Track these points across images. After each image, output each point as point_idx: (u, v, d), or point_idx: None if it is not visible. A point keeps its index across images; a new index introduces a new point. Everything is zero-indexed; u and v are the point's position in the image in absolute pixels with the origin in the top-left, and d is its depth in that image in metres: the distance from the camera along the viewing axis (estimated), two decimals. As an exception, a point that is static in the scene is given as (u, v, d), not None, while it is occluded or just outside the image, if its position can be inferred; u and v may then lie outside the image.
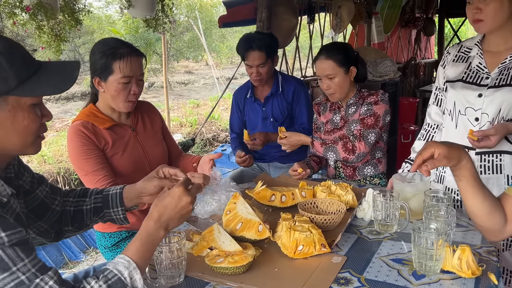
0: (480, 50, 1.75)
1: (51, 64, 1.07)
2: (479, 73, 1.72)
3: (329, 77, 2.06)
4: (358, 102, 2.14)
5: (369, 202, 1.57)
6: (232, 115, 2.74)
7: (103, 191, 1.37)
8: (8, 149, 1.03)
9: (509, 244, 1.70)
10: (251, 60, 2.43)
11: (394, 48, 5.67)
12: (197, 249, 1.36)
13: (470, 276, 1.17)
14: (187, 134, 7.44)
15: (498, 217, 1.27)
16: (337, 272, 1.24)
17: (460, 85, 1.76)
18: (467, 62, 1.79)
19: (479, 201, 1.26)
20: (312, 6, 3.96)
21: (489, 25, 1.63)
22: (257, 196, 1.71)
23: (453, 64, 1.83)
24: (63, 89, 1.03)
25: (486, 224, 1.29)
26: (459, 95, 1.75)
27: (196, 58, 15.50)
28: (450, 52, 1.88)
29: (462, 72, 1.78)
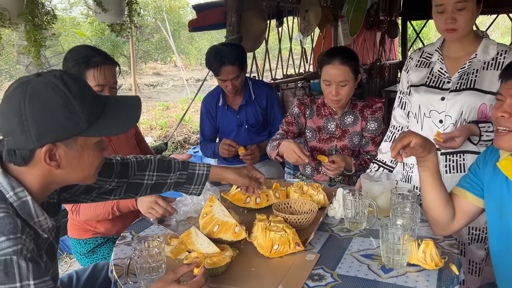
0: (441, 55, 1.85)
1: (115, 100, 1.10)
2: (441, 78, 1.83)
3: (342, 84, 2.00)
4: (353, 112, 2.14)
5: (339, 201, 1.65)
6: (203, 121, 2.72)
7: (188, 168, 1.44)
8: (70, 181, 1.09)
9: (474, 238, 1.82)
10: (225, 75, 2.42)
11: (360, 50, 5.83)
12: (176, 252, 1.40)
13: (434, 268, 1.25)
14: (157, 137, 7.39)
15: (448, 212, 1.41)
16: (311, 269, 1.30)
17: (423, 89, 1.86)
18: (429, 67, 1.89)
19: (436, 193, 1.40)
20: (280, 10, 4.03)
21: (461, 33, 1.72)
22: (232, 198, 1.76)
23: (416, 69, 1.93)
24: (128, 128, 1.08)
25: (438, 216, 1.42)
26: (423, 99, 1.85)
27: (164, 59, 15.35)
28: (412, 57, 1.98)
29: (425, 77, 1.88)
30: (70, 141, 1.00)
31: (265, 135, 2.70)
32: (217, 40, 15.72)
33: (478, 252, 1.83)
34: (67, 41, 9.93)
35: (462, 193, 1.42)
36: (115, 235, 1.92)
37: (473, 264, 1.85)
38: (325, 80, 2.04)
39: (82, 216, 1.75)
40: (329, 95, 2.05)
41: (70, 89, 0.98)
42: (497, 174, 1.32)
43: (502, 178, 1.30)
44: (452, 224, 1.43)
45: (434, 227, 1.46)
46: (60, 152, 1.00)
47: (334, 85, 2.01)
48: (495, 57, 1.73)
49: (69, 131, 0.98)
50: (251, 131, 2.65)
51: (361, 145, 2.16)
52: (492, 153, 1.37)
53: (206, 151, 2.70)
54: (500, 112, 1.23)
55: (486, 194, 1.36)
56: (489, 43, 1.76)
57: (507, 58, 1.71)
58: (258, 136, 2.66)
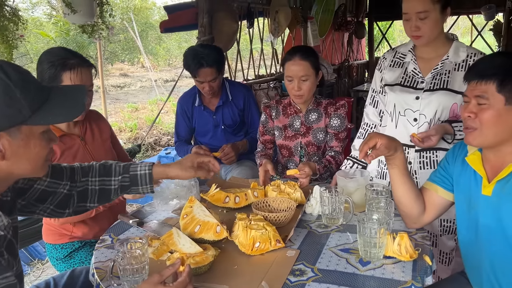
0: (414, 56, 1.93)
1: (60, 89, 1.08)
2: (415, 78, 1.91)
3: (303, 79, 2.08)
4: (318, 109, 2.22)
5: (316, 198, 1.69)
6: (178, 122, 2.72)
7: (129, 171, 1.40)
8: (17, 174, 1.06)
9: (445, 229, 1.92)
10: (203, 77, 2.43)
11: (328, 51, 5.94)
12: (158, 253, 1.40)
13: (408, 259, 1.31)
14: (127, 140, 7.28)
15: (419, 205, 1.48)
16: (292, 264, 1.34)
17: (398, 89, 1.93)
18: (403, 67, 1.96)
19: (406, 188, 1.47)
20: (251, 11, 4.07)
21: (426, 40, 1.82)
22: (212, 198, 1.78)
23: (390, 69, 2.01)
24: (75, 116, 1.07)
25: (409, 210, 1.49)
26: (398, 98, 1.93)
27: (131, 60, 15.11)
28: (386, 57, 2.06)
29: (399, 77, 1.95)
30: (14, 130, 0.99)
31: (241, 135, 2.73)
32: (185, 41, 15.65)
33: (448, 242, 1.93)
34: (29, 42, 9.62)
35: (433, 187, 1.50)
36: (92, 239, 1.90)
37: (443, 254, 1.95)
38: (288, 76, 2.12)
39: (62, 219, 1.72)
40: (292, 90, 2.13)
41: (10, 77, 0.97)
42: (466, 168, 1.40)
43: (470, 172, 1.38)
44: (423, 217, 1.50)
45: (407, 220, 1.53)
46: (4, 142, 0.99)
47: (296, 80, 2.09)
48: (465, 59, 1.82)
49: (12, 120, 0.97)
50: (228, 132, 2.67)
51: (326, 141, 2.24)
52: (461, 148, 1.45)
53: (180, 151, 2.71)
54: (466, 113, 1.30)
55: (456, 187, 1.44)
56: (459, 45, 1.86)
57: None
58: (234, 137, 2.68)
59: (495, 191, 1.30)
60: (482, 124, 1.27)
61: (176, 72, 14.73)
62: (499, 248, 1.31)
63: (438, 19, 1.76)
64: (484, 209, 1.33)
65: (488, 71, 1.25)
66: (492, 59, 1.32)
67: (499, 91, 1.23)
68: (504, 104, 1.23)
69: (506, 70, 1.22)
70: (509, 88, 1.21)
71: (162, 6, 3.85)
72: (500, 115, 1.24)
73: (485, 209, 1.33)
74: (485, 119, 1.26)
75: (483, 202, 1.33)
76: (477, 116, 1.27)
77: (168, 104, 8.40)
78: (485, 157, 1.35)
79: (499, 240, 1.30)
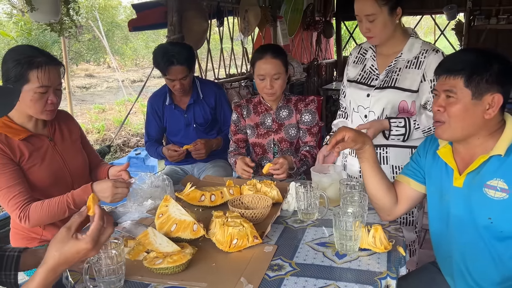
0: (374, 52, 1.98)
1: None
2: (371, 74, 1.96)
3: (275, 77, 2.10)
4: (288, 106, 2.24)
5: (292, 194, 1.71)
6: (149, 122, 2.68)
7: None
8: None
9: (403, 222, 2.00)
10: (174, 75, 2.40)
11: (298, 50, 6.00)
12: (134, 254, 1.38)
13: (383, 251, 1.35)
14: (95, 141, 7.13)
15: (391, 197, 1.53)
16: (270, 260, 1.34)
17: (354, 85, 2.00)
18: (363, 64, 2.02)
19: (378, 180, 1.51)
20: (221, 10, 4.05)
21: (378, 40, 1.88)
22: (187, 197, 1.76)
23: (353, 65, 2.06)
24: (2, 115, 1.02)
25: (382, 202, 1.53)
26: (353, 94, 1.99)
27: (97, 60, 14.77)
28: (352, 53, 2.11)
29: (358, 74, 2.01)
30: None
31: (213, 134, 2.72)
32: (152, 40, 15.43)
33: (409, 234, 2.00)
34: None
35: (405, 180, 1.55)
36: (63, 242, 1.85)
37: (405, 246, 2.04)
38: (260, 75, 2.12)
39: (33, 222, 1.66)
40: (264, 89, 2.14)
41: None
42: (437, 161, 1.45)
43: (441, 164, 1.43)
44: (396, 209, 1.54)
45: (380, 213, 1.57)
46: None
47: (268, 79, 2.10)
48: (417, 56, 1.87)
49: None
50: (200, 130, 2.65)
51: (299, 137, 2.27)
52: (431, 142, 1.50)
53: (150, 152, 2.69)
54: (436, 107, 1.35)
55: (428, 180, 1.49)
56: (414, 42, 1.90)
57: (427, 58, 1.85)
58: (206, 135, 2.67)
59: (466, 183, 1.35)
60: (450, 117, 1.31)
61: (144, 72, 14.50)
62: (469, 238, 1.36)
63: (386, 21, 1.81)
64: (455, 201, 1.38)
65: (457, 66, 1.30)
66: (461, 55, 1.36)
67: (466, 85, 1.27)
68: (471, 98, 1.28)
69: (473, 66, 1.27)
70: (476, 83, 1.26)
71: (128, 5, 3.80)
72: (467, 109, 1.29)
73: (456, 200, 1.38)
74: (453, 112, 1.30)
75: (455, 193, 1.38)
76: (446, 110, 1.32)
77: (137, 105, 8.26)
78: (456, 150, 1.40)
79: (469, 230, 1.35)
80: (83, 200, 1.66)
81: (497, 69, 1.25)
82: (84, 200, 1.66)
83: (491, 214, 1.29)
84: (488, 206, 1.29)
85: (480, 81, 1.26)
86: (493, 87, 1.26)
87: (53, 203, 1.65)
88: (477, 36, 5.74)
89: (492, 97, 1.26)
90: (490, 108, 1.27)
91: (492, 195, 1.28)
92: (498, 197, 1.27)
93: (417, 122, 1.85)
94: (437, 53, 1.85)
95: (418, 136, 1.87)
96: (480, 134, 1.32)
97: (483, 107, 1.28)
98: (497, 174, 1.28)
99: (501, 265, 1.32)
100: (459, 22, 5.99)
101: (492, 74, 1.25)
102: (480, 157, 1.31)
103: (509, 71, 1.28)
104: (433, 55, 1.84)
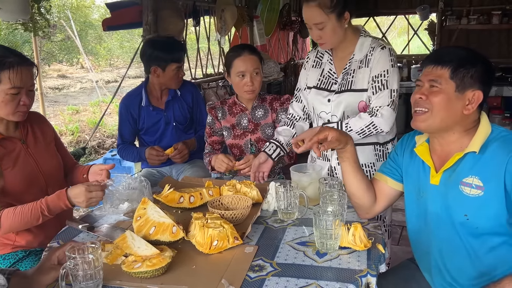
0: (330, 56, 1.99)
1: None
2: (330, 79, 1.97)
3: (256, 71, 2.11)
4: (263, 105, 2.23)
5: (272, 194, 1.70)
6: (122, 123, 2.61)
7: None
8: None
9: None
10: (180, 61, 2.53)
11: (275, 50, 6.01)
12: (112, 258, 1.35)
13: (363, 248, 1.36)
14: (69, 143, 6.97)
15: (371, 196, 1.54)
16: (251, 260, 1.33)
17: (315, 92, 2.00)
18: (321, 68, 2.02)
19: (358, 179, 1.52)
20: (197, 9, 4.03)
21: (330, 45, 1.88)
22: (165, 199, 1.74)
23: (312, 69, 2.05)
24: None
25: (361, 201, 1.54)
26: (315, 101, 2.00)
27: (70, 61, 14.47)
28: (309, 57, 2.10)
29: (317, 79, 2.01)
30: None
31: (191, 133, 2.70)
32: (127, 40, 15.21)
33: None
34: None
35: (383, 178, 1.56)
36: (38, 247, 1.80)
37: None
38: (239, 72, 2.11)
39: (5, 229, 1.60)
40: (244, 86, 2.12)
41: None
42: (414, 159, 1.47)
43: (418, 162, 1.45)
44: (374, 207, 1.56)
45: (359, 211, 1.59)
46: None
47: (248, 75, 2.10)
48: (366, 54, 1.87)
49: None
50: (179, 129, 2.62)
51: None
52: (409, 140, 1.53)
53: (126, 155, 2.61)
54: (418, 94, 1.36)
55: (405, 178, 1.51)
56: (364, 41, 1.90)
57: (373, 55, 1.85)
58: (185, 135, 2.64)
59: (443, 181, 1.37)
60: (433, 105, 1.33)
61: (119, 72, 14.28)
62: (446, 235, 1.38)
63: (335, 27, 1.81)
64: (432, 198, 1.40)
65: (445, 57, 1.33)
66: (451, 49, 1.40)
67: (451, 77, 1.30)
68: (454, 90, 1.31)
69: (461, 59, 1.31)
70: (461, 76, 1.29)
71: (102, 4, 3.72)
72: (449, 100, 1.31)
73: (433, 197, 1.40)
74: (436, 101, 1.32)
75: (432, 191, 1.40)
76: (428, 98, 1.34)
77: (112, 106, 8.12)
78: (432, 147, 1.43)
79: (446, 227, 1.38)
80: (57, 206, 1.61)
81: (481, 67, 1.30)
82: (58, 206, 1.62)
83: (467, 211, 1.32)
84: (464, 203, 1.32)
85: (466, 75, 1.29)
86: (476, 83, 1.30)
87: (26, 209, 1.59)
88: (449, 35, 5.87)
89: (474, 93, 1.30)
90: (469, 104, 1.30)
91: (468, 192, 1.31)
92: (473, 194, 1.30)
93: (349, 125, 1.83)
94: (383, 49, 1.84)
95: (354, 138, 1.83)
96: (456, 129, 1.35)
97: (463, 102, 1.31)
98: (472, 171, 1.31)
99: (477, 261, 1.35)
100: (432, 22, 6.12)
101: (478, 71, 1.29)
102: (456, 154, 1.34)
103: (491, 71, 1.33)
104: (378, 51, 1.84)
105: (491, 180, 1.27)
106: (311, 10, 1.79)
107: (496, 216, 1.28)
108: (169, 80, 2.52)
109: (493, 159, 1.28)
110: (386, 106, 1.81)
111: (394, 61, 1.85)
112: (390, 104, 1.81)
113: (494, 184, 1.26)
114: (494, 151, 1.28)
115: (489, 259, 1.33)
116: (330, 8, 1.77)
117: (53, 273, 1.24)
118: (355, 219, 1.61)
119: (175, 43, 2.59)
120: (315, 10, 1.77)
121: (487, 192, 1.28)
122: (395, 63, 1.85)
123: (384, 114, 1.80)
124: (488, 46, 5.75)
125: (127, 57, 15.24)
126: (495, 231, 1.30)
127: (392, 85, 1.82)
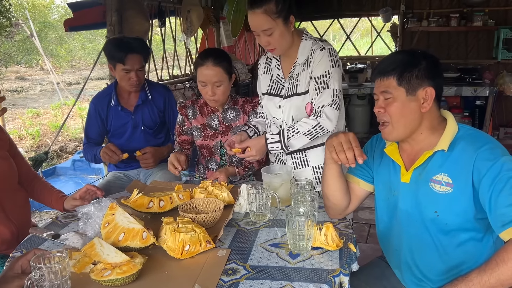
0: (278, 61, 1.99)
1: None
2: (279, 84, 1.98)
3: (217, 84, 2.05)
4: (235, 107, 2.21)
5: (244, 196, 1.69)
6: (90, 122, 2.53)
7: None
8: None
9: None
10: (131, 64, 2.32)
11: (242, 51, 6.00)
12: (80, 266, 1.30)
13: (335, 248, 1.37)
14: (29, 148, 6.71)
15: (347, 198, 1.56)
16: (224, 264, 1.32)
17: (267, 98, 2.01)
18: (270, 74, 2.02)
19: (340, 183, 1.53)
20: (162, 10, 3.96)
21: (280, 50, 1.88)
22: (134, 204, 1.69)
23: (263, 76, 2.06)
24: None
25: (339, 203, 1.56)
26: (267, 106, 2.01)
27: (29, 62, 13.96)
28: (260, 63, 2.10)
29: (267, 85, 2.02)
30: None
31: (161, 137, 2.64)
32: (89, 41, 14.85)
33: None
34: None
35: (355, 180, 1.59)
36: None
37: None
38: (201, 81, 2.07)
39: None
40: (206, 95, 2.10)
41: None
42: (385, 159, 1.51)
43: (389, 162, 1.48)
44: (348, 207, 1.58)
45: (332, 211, 1.60)
46: None
47: (209, 86, 2.05)
48: (307, 57, 1.88)
49: None
50: (148, 133, 2.56)
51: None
52: (378, 141, 1.56)
53: (86, 154, 2.52)
54: (376, 108, 1.41)
55: (376, 178, 1.54)
56: (306, 44, 1.90)
57: (313, 57, 1.86)
58: (154, 139, 2.58)
59: (413, 178, 1.41)
60: (391, 116, 1.37)
61: (81, 74, 13.90)
62: (416, 232, 1.42)
63: (283, 31, 1.81)
64: (403, 196, 1.43)
65: (388, 67, 1.37)
66: (391, 57, 1.44)
67: (399, 84, 1.35)
68: (406, 95, 1.35)
69: (403, 65, 1.35)
70: (407, 80, 1.34)
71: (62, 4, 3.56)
72: (404, 106, 1.35)
73: (404, 195, 1.43)
74: (392, 111, 1.37)
75: (403, 189, 1.43)
76: (386, 111, 1.38)
77: (74, 109, 7.89)
78: (402, 147, 1.46)
79: (416, 224, 1.41)
80: None
81: (425, 65, 1.34)
82: None
83: (437, 207, 1.35)
84: (434, 200, 1.35)
85: (411, 78, 1.33)
86: (424, 81, 1.34)
87: None
88: (410, 37, 6.04)
89: (425, 91, 1.34)
90: (425, 102, 1.35)
91: (438, 189, 1.34)
92: (443, 191, 1.34)
93: (296, 128, 1.83)
94: (323, 50, 1.84)
95: (302, 142, 1.85)
96: (422, 129, 1.39)
97: (418, 102, 1.35)
98: (441, 169, 1.35)
99: (445, 256, 1.39)
100: (394, 24, 6.28)
101: (421, 70, 1.33)
102: (425, 152, 1.37)
103: (436, 65, 1.37)
104: (318, 52, 1.84)
105: (460, 177, 1.31)
106: (257, 17, 1.77)
107: (465, 212, 1.32)
108: (120, 80, 2.42)
109: (461, 157, 1.32)
110: (328, 106, 1.81)
111: (334, 61, 1.84)
112: (332, 103, 1.82)
113: (462, 181, 1.30)
114: (462, 149, 1.32)
115: (457, 254, 1.37)
116: (276, 13, 1.76)
117: (17, 281, 1.19)
118: (326, 218, 1.63)
119: (129, 43, 2.37)
120: (262, 17, 1.76)
121: (456, 189, 1.32)
122: (335, 62, 1.84)
123: (327, 113, 1.81)
124: (448, 47, 5.96)
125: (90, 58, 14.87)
126: (463, 227, 1.34)
127: (334, 84, 1.83)
